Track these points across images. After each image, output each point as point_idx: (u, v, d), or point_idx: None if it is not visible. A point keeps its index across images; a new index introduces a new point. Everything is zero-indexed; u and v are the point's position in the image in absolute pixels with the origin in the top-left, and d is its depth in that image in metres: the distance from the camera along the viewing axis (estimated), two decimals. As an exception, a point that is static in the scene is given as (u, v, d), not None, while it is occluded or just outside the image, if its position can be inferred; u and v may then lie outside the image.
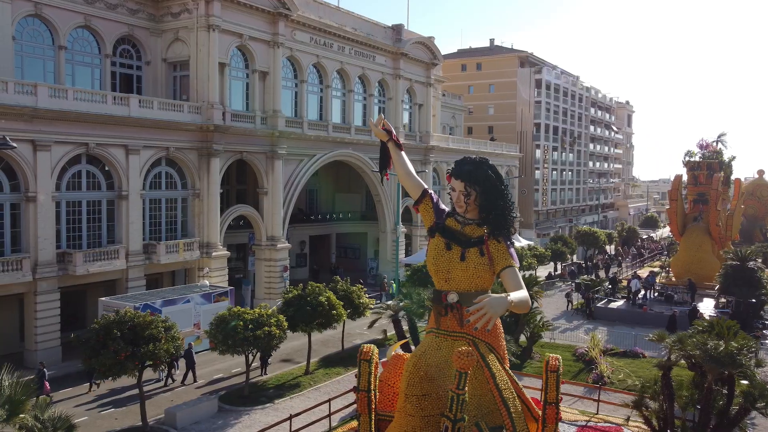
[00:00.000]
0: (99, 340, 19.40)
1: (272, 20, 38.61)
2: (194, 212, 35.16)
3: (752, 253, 40.77)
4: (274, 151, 39.07)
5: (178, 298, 29.87)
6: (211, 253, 35.04)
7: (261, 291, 39.40)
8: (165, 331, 20.32)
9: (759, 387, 18.19)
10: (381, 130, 11.26)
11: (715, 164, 50.05)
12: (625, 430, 21.57)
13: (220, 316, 23.75)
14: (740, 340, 19.38)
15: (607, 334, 33.40)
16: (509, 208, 10.72)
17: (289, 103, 41.82)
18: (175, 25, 35.90)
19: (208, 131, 34.70)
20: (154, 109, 32.37)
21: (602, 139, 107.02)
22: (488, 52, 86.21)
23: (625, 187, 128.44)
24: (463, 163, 10.58)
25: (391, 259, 50.87)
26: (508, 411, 11.50)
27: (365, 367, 13.26)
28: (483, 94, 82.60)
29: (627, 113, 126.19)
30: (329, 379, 26.82)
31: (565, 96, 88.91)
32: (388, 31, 50.03)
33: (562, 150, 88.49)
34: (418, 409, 11.09)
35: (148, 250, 32.52)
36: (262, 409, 23.41)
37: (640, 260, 64.43)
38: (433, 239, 11.00)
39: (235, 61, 37.61)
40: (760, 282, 38.42)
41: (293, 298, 26.38)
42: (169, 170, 34.33)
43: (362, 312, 29.39)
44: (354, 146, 46.39)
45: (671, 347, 19.60)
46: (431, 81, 55.33)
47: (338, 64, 44.97)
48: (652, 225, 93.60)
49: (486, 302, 8.49)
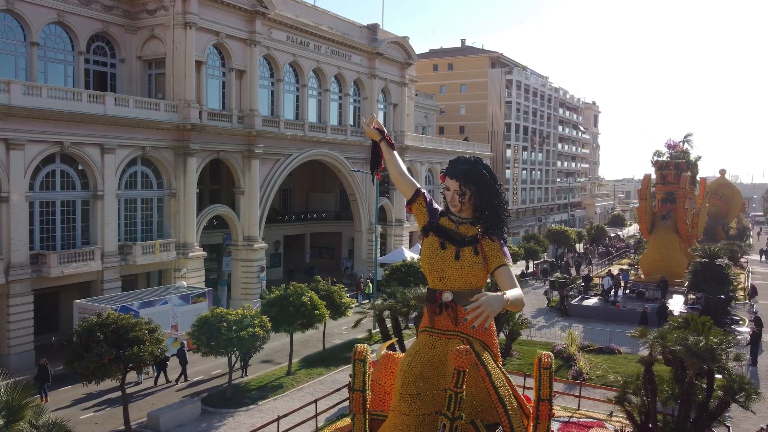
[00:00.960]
0: (81, 344, 19.03)
1: (249, 18, 38.28)
2: (170, 212, 34.67)
3: (720, 251, 41.92)
4: (251, 151, 38.76)
5: (156, 300, 29.43)
6: (188, 254, 34.60)
7: (237, 292, 39.06)
8: (149, 333, 20.02)
9: (738, 380, 18.75)
10: (373, 129, 11.30)
11: (682, 164, 51.26)
12: (608, 425, 22.00)
13: (203, 318, 23.50)
14: (717, 335, 19.98)
15: (582, 331, 34.00)
16: (503, 207, 10.89)
17: (266, 102, 41.54)
18: (151, 23, 35.34)
19: (185, 130, 34.25)
20: (130, 108, 31.82)
21: (570, 139, 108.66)
22: (460, 53, 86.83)
23: (592, 187, 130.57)
24: (457, 163, 10.70)
25: (366, 259, 50.91)
26: (505, 409, 11.64)
27: (360, 367, 13.26)
28: (455, 94, 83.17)
29: (593, 114, 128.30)
30: (312, 380, 26.75)
31: (535, 96, 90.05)
32: (363, 31, 50.04)
33: (532, 150, 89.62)
34: (412, 408, 11.16)
35: (123, 250, 31.96)
36: (246, 410, 23.24)
37: (609, 258, 65.62)
38: (427, 238, 11.08)
39: (211, 60, 37.20)
40: (728, 278, 39.55)
41: (276, 299, 26.24)
42: (145, 170, 33.80)
43: (344, 312, 29.36)
44: (330, 146, 46.29)
45: (653, 343, 20.06)
46: (406, 81, 55.51)
47: (314, 63, 44.81)
48: (619, 223, 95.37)
49: (483, 300, 8.61)
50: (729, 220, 78.29)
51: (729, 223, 78.34)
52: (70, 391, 24.81)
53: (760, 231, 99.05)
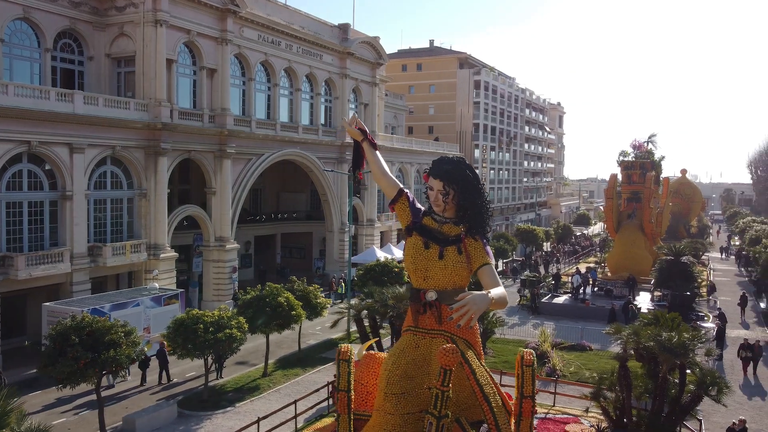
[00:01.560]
0: (56, 347, 18.61)
1: (221, 16, 37.88)
2: (141, 213, 34.10)
3: (685, 248, 43.03)
4: (223, 150, 38.37)
5: (128, 302, 28.88)
6: (159, 255, 34.09)
7: (209, 293, 38.61)
8: (125, 336, 19.68)
9: (710, 375, 19.30)
10: (355, 129, 11.33)
11: (647, 164, 52.38)
12: (583, 420, 22.39)
13: (179, 320, 23.18)
14: (687, 331, 20.55)
15: (554, 329, 34.55)
16: (486, 206, 11.02)
17: (237, 102, 41.17)
18: (120, 20, 34.70)
19: (156, 129, 33.73)
20: (99, 106, 31.20)
21: (536, 140, 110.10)
22: (428, 53, 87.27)
23: (557, 186, 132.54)
24: (441, 163, 10.79)
25: (338, 259, 50.83)
26: (490, 406, 11.81)
27: (344, 367, 13.32)
28: (424, 95, 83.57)
29: (558, 114, 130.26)
30: (288, 381, 26.61)
31: (502, 97, 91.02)
32: (334, 30, 49.94)
33: (500, 150, 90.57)
34: (397, 408, 11.23)
35: (93, 252, 31.32)
36: (223, 413, 23.01)
37: (576, 257, 66.71)
38: (410, 238, 11.14)
39: (182, 58, 36.70)
40: (693, 275, 40.64)
41: (252, 299, 26.05)
42: (115, 169, 33.18)
43: (320, 312, 29.29)
44: (302, 145, 46.09)
45: (627, 339, 20.50)
46: (377, 81, 55.58)
47: (286, 62, 44.56)
48: (584, 222, 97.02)
49: (469, 299, 8.72)
50: (690, 219, 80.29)
51: (690, 222, 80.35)
52: (40, 396, 24.24)
53: (719, 229, 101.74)
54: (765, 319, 39.06)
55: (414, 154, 62.65)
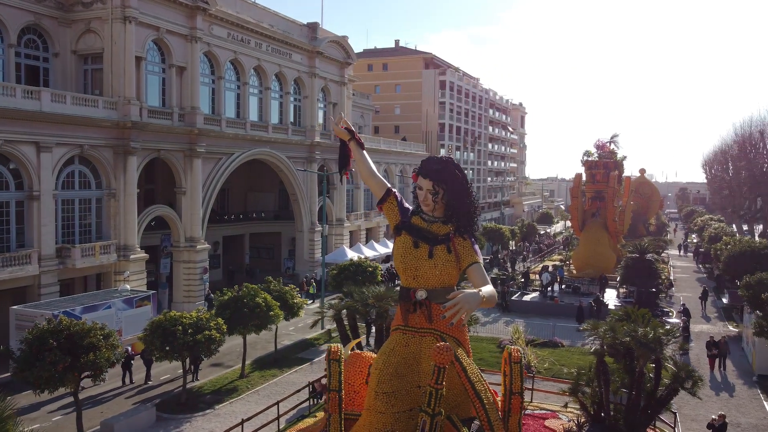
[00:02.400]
0: (33, 351, 18.13)
1: (190, 14, 37.33)
2: (110, 213, 33.37)
3: (649, 246, 44.17)
4: (193, 150, 37.82)
5: (99, 304, 28.31)
6: (129, 256, 33.43)
7: (179, 294, 38.02)
8: (104, 338, 19.28)
9: (684, 369, 19.90)
10: (342, 129, 11.39)
11: (610, 163, 53.48)
12: (561, 416, 22.80)
13: (156, 322, 22.79)
14: (658, 326, 21.16)
15: (524, 326, 35.08)
16: (474, 205, 11.19)
17: (207, 100, 40.62)
18: (87, 16, 33.88)
19: (125, 128, 33.05)
20: (67, 104, 30.42)
21: (499, 139, 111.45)
22: (394, 53, 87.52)
23: (519, 186, 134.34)
24: (430, 162, 10.91)
25: (308, 259, 50.61)
26: (482, 403, 11.99)
27: (335, 367, 13.36)
28: (389, 94, 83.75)
29: (520, 115, 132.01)
30: (266, 382, 26.42)
31: (467, 97, 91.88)
32: (303, 29, 49.68)
33: (465, 149, 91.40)
34: (388, 406, 11.31)
35: (61, 253, 30.54)
36: (203, 415, 22.73)
37: (541, 255, 67.79)
38: (399, 237, 11.25)
39: (151, 55, 36.04)
40: (657, 272, 41.74)
41: (229, 300, 25.78)
42: (83, 169, 32.39)
43: (296, 312, 29.15)
44: (272, 144, 45.73)
45: (604, 335, 20.97)
46: (345, 80, 55.51)
47: (255, 61, 44.16)
48: (547, 221, 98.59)
49: (460, 298, 8.89)
50: (649, 217, 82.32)
51: (649, 220, 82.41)
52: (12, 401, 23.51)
53: (675, 227, 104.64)
54: (725, 314, 40.36)
55: (382, 153, 62.76)
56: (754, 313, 25.83)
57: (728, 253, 37.64)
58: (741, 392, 25.78)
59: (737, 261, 36.59)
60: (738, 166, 66.47)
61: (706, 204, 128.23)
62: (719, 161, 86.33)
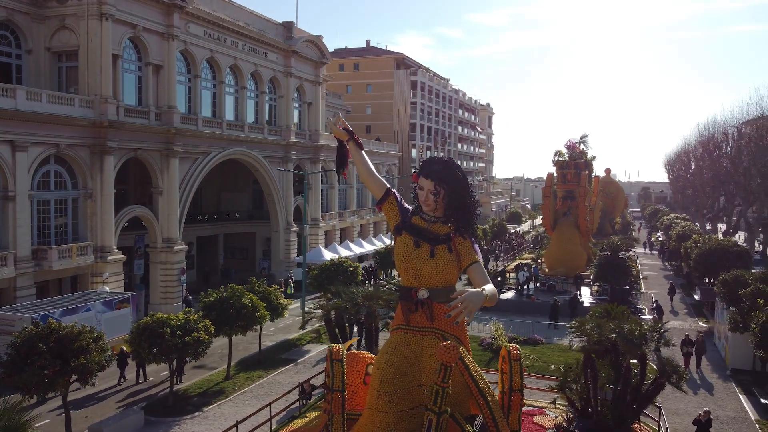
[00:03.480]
0: (21, 356, 17.72)
1: (167, 11, 36.81)
2: (86, 214, 32.71)
3: (621, 244, 45.17)
4: (170, 149, 37.31)
5: (79, 307, 27.73)
6: (106, 258, 32.82)
7: (157, 296, 37.46)
8: (93, 341, 18.95)
9: (668, 364, 20.47)
10: (341, 129, 11.47)
11: (581, 163, 54.45)
12: (548, 412, 23.20)
13: (143, 324, 22.45)
14: (636, 322, 21.77)
15: (503, 324, 35.53)
16: (474, 205, 11.39)
17: (183, 99, 40.10)
18: (61, 12, 33.16)
19: (102, 127, 32.43)
20: (42, 103, 29.72)
21: (468, 139, 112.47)
22: (365, 53, 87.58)
23: (487, 185, 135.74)
24: (432, 163, 11.06)
25: (284, 259, 50.35)
26: (486, 400, 12.23)
27: (338, 367, 13.45)
28: (361, 94, 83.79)
29: (488, 115, 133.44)
30: (252, 383, 26.24)
31: (437, 98, 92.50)
32: (279, 28, 49.41)
33: (435, 149, 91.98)
34: (391, 405, 11.46)
35: (38, 255, 29.83)
36: (191, 418, 22.48)
37: (512, 253, 68.63)
38: (400, 237, 11.38)
39: (127, 53, 35.43)
40: (629, 270, 42.75)
41: (215, 301, 25.55)
42: (59, 169, 31.70)
43: (281, 313, 29.03)
44: (248, 144, 45.38)
45: (590, 332, 21.44)
46: (320, 80, 55.38)
47: (232, 59, 43.76)
48: (516, 220, 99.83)
49: (465, 297, 9.10)
50: (615, 216, 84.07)
51: (615, 219, 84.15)
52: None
53: (639, 226, 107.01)
54: (695, 310, 41.50)
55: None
56: (729, 309, 26.60)
57: (698, 251, 38.70)
58: (717, 386, 26.57)
59: (707, 258, 37.66)
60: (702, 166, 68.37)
61: (667, 203, 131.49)
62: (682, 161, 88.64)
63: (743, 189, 51.12)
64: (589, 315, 24.79)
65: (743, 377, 27.35)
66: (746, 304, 23.98)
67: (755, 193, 47.91)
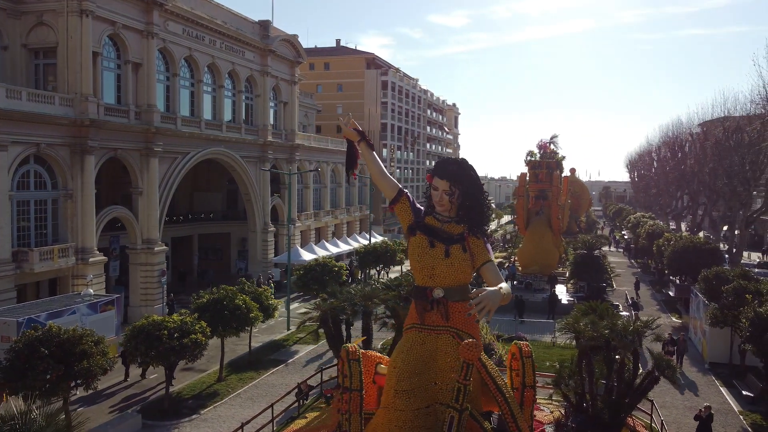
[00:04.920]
0: (22, 360, 17.32)
1: (146, 8, 36.19)
2: (66, 215, 31.96)
3: (597, 243, 46.22)
4: (150, 149, 36.71)
5: (63, 310, 27.05)
6: (88, 259, 32.13)
7: (137, 298, 36.79)
8: (94, 345, 18.64)
9: (662, 359, 21.14)
10: (351, 130, 11.63)
11: (553, 163, 55.53)
12: (543, 407, 23.68)
13: (138, 326, 22.09)
14: (621, 319, 22.46)
15: (486, 322, 36.02)
16: (488, 205, 11.69)
17: (161, 98, 39.48)
18: (39, 8, 32.31)
19: (83, 126, 31.72)
20: (22, 100, 28.94)
21: (436, 139, 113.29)
22: (335, 52, 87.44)
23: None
24: (447, 163, 11.29)
25: (261, 259, 49.99)
26: (504, 397, 12.57)
27: (356, 367, 13.62)
28: (332, 94, 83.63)
29: (454, 115, 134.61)
30: (245, 385, 26.06)
31: (407, 98, 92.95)
32: (255, 27, 49.02)
33: (405, 149, 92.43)
34: (407, 404, 11.68)
35: (18, 257, 29.04)
36: (189, 421, 22.25)
37: (485, 252, 69.25)
38: (414, 237, 11.59)
39: (106, 51, 34.72)
40: (604, 267, 43.79)
41: (209, 303, 25.31)
42: (39, 169, 30.90)
43: (272, 313, 28.88)
44: (226, 144, 44.92)
45: (584, 329, 21.98)
46: (296, 79, 55.13)
47: (210, 58, 43.25)
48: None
49: (485, 296, 9.42)
50: (580, 215, 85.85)
51: (580, 217, 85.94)
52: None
53: (603, 225, 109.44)
54: (667, 306, 42.74)
55: (330, 153, 62.70)
56: (710, 304, 27.53)
57: (672, 249, 39.90)
58: (697, 380, 27.46)
59: (681, 256, 38.84)
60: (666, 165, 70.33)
61: (627, 202, 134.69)
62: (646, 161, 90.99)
63: (708, 188, 52.78)
64: (573, 312, 25.43)
65: (721, 370, 28.36)
66: (730, 299, 24.89)
67: (721, 192, 49.53)
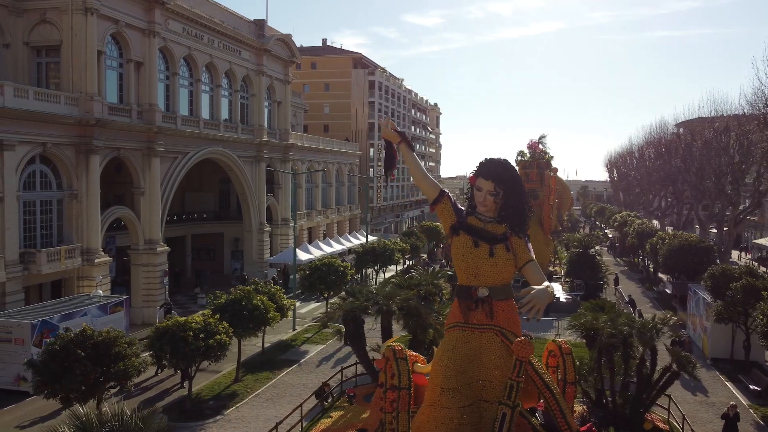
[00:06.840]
0: (61, 363, 17.18)
1: (148, 7, 35.86)
2: (71, 215, 31.55)
3: (591, 241, 46.99)
4: (152, 148, 36.39)
5: (75, 311, 26.83)
6: (93, 260, 31.76)
7: (139, 299, 36.41)
8: (128, 346, 18.56)
9: (678, 354, 21.69)
10: (392, 131, 11.85)
11: (543, 163, 56.33)
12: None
13: (162, 328, 21.97)
14: (630, 316, 22.99)
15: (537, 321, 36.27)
16: (529, 206, 12.03)
17: (162, 97, 39.13)
18: (42, 6, 31.82)
19: (88, 125, 31.34)
20: (29, 100, 28.51)
21: (420, 139, 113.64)
22: (322, 52, 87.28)
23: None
24: (491, 164, 11.54)
25: (257, 260, 49.80)
26: (552, 394, 12.91)
27: (404, 366, 13.88)
28: (319, 93, 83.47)
29: (436, 115, 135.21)
30: (263, 385, 26.06)
31: (393, 97, 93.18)
32: (251, 26, 48.83)
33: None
34: (454, 401, 11.97)
35: (25, 259, 28.61)
36: (214, 422, 22.21)
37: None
38: (457, 237, 11.84)
39: (109, 50, 34.32)
40: (599, 266, 44.57)
41: (227, 303, 25.27)
42: (44, 169, 30.44)
43: (285, 313, 28.91)
44: (224, 143, 44.67)
45: (604, 326, 22.44)
46: (289, 79, 55.02)
47: (208, 57, 42.98)
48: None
49: (534, 294, 9.78)
50: (563, 213, 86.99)
51: (563, 216, 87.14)
52: (10, 413, 22.14)
53: (584, 224, 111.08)
54: (660, 303, 43.66)
55: (321, 152, 62.70)
56: (715, 301, 28.26)
57: (668, 247, 40.79)
58: (701, 376, 28.13)
59: (676, 254, 39.74)
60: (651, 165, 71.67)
61: (605, 201, 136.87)
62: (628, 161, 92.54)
63: (695, 188, 53.98)
64: (580, 310, 25.93)
65: (723, 366, 29.13)
66: (739, 296, 25.64)
67: (708, 191, 50.72)
